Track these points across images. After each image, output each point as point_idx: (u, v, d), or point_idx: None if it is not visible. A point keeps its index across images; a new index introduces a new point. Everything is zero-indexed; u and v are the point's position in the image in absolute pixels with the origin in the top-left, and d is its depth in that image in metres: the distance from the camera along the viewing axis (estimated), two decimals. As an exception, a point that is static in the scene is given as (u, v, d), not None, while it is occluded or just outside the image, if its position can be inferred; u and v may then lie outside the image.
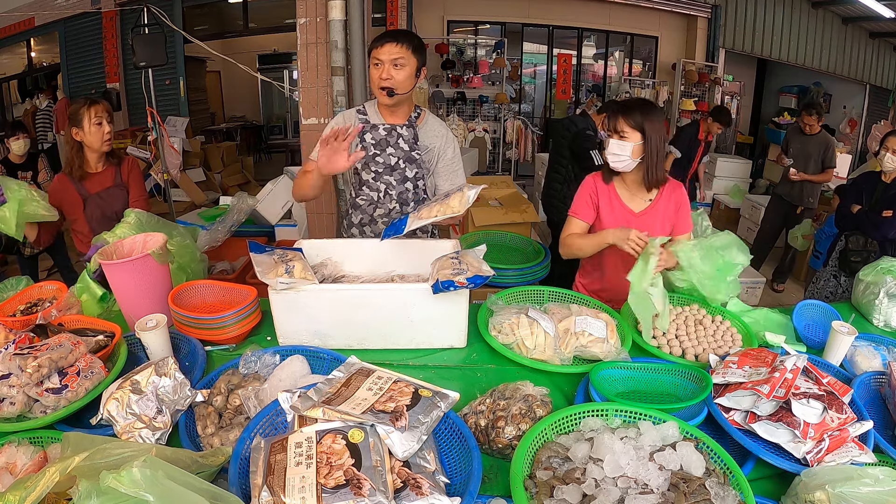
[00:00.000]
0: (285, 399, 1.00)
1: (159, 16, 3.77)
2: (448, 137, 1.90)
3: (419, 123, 1.85)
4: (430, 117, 1.89)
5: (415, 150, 1.82)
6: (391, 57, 1.67)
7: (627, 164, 1.67)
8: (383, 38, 1.69)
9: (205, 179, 6.45)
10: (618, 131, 1.65)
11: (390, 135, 1.81)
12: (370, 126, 1.81)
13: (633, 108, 1.64)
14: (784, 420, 1.04)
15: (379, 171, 1.83)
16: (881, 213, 2.63)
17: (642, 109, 1.64)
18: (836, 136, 6.80)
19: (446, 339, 1.45)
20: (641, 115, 1.62)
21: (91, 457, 0.77)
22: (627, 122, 1.63)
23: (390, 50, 1.67)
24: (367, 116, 1.82)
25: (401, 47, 1.68)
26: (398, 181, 1.84)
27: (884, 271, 1.76)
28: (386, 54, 1.67)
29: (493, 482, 1.03)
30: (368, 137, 1.80)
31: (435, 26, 7.24)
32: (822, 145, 4.02)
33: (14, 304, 1.53)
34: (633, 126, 1.63)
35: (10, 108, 8.05)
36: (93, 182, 2.19)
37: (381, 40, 1.69)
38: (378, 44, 1.69)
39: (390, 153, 1.81)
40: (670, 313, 1.56)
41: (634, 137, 1.63)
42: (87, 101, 2.11)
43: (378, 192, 1.85)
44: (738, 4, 7.11)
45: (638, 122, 1.62)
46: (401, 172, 1.83)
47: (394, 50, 1.67)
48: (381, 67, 1.69)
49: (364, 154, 1.71)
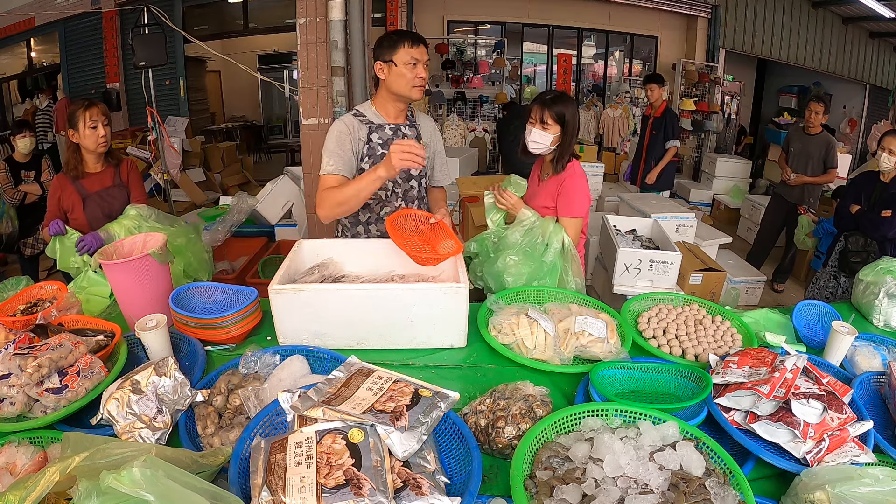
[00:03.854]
0: (285, 399, 1.00)
1: (159, 16, 3.78)
2: (436, 131, 2.01)
3: (418, 122, 1.92)
4: (419, 115, 1.97)
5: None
6: (425, 58, 1.74)
7: (544, 150, 1.92)
8: (416, 39, 1.72)
9: (205, 179, 6.45)
10: (542, 122, 1.86)
11: (396, 134, 1.84)
12: (375, 126, 1.82)
13: (557, 102, 1.85)
14: (784, 420, 1.04)
15: None
16: (880, 213, 2.63)
17: (564, 103, 1.86)
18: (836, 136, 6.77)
19: (446, 339, 1.45)
20: (563, 107, 1.85)
21: (91, 457, 0.77)
22: (551, 115, 1.84)
23: (423, 51, 1.73)
24: (367, 117, 1.83)
25: (426, 50, 1.75)
26: (403, 179, 1.88)
27: (884, 271, 1.76)
28: (421, 55, 1.73)
29: (493, 482, 1.03)
30: (375, 137, 1.82)
31: (435, 26, 7.24)
32: (822, 145, 4.01)
33: (14, 304, 1.53)
34: (555, 119, 1.85)
35: (10, 108, 8.05)
36: (92, 181, 2.20)
37: (415, 41, 1.72)
38: (412, 44, 1.71)
39: None
40: (670, 313, 1.58)
41: (554, 129, 1.86)
42: (83, 103, 2.12)
43: (385, 190, 1.88)
44: (738, 4, 7.10)
45: (560, 114, 1.84)
46: (405, 171, 1.85)
47: (424, 52, 1.74)
48: (419, 67, 1.73)
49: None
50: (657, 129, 4.36)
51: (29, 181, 3.53)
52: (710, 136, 7.46)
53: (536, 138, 1.88)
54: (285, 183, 3.83)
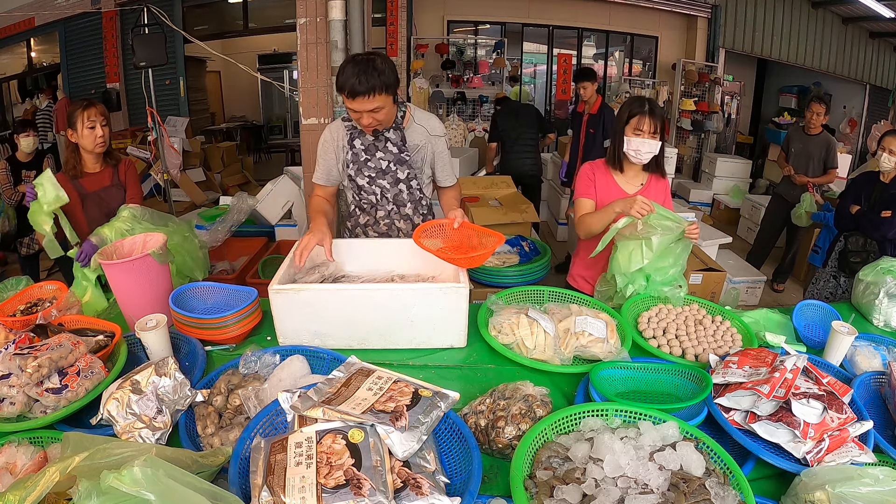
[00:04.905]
0: (285, 399, 1.00)
1: (159, 16, 3.78)
2: (433, 128, 1.86)
3: (405, 124, 1.82)
4: (415, 114, 1.85)
5: (404, 152, 1.82)
6: (367, 108, 1.60)
7: (648, 159, 1.84)
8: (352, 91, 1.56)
9: (205, 179, 6.45)
10: (647, 131, 1.79)
11: (378, 139, 1.80)
12: (358, 132, 1.80)
13: (656, 110, 1.80)
14: (784, 420, 1.04)
15: (372, 175, 1.84)
16: (880, 213, 2.63)
17: (659, 111, 1.82)
18: (836, 136, 6.78)
19: (446, 339, 1.45)
20: (661, 116, 1.80)
21: (91, 457, 0.77)
22: (654, 123, 1.78)
23: (363, 103, 1.58)
24: (352, 123, 1.78)
25: (372, 98, 1.57)
26: (391, 184, 1.85)
27: (884, 271, 1.76)
28: (360, 106, 1.59)
29: (493, 482, 1.03)
30: (358, 143, 1.81)
31: (435, 26, 7.25)
32: (823, 146, 4.01)
33: (14, 304, 1.53)
34: (657, 127, 1.79)
35: (10, 108, 8.05)
36: (91, 181, 2.21)
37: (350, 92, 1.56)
38: (347, 94, 1.58)
39: (380, 157, 1.82)
40: (670, 313, 1.58)
41: (657, 137, 1.80)
42: (81, 103, 2.13)
43: (375, 195, 1.87)
44: (738, 4, 7.10)
45: (659, 123, 1.79)
46: (392, 175, 1.84)
47: (366, 102, 1.58)
48: (361, 116, 1.62)
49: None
50: (594, 127, 4.08)
51: (28, 181, 3.53)
52: (710, 136, 7.47)
53: (648, 148, 1.78)
54: (285, 183, 3.82)
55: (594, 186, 1.91)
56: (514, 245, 2.78)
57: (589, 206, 1.91)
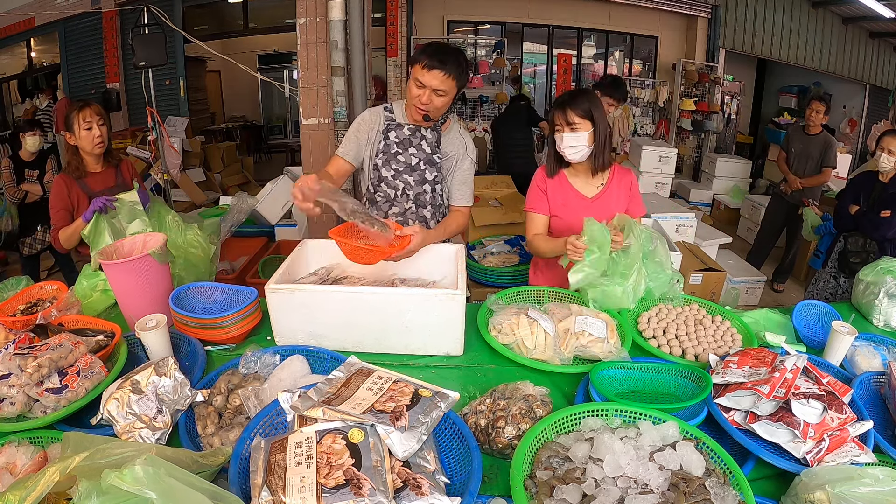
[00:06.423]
0: (285, 399, 1.00)
1: (159, 16, 3.78)
2: (468, 148, 1.88)
3: (444, 129, 1.85)
4: (454, 125, 1.89)
5: (436, 154, 1.83)
6: (434, 85, 1.62)
7: (583, 154, 1.71)
8: (432, 61, 1.58)
9: (205, 179, 6.45)
10: (569, 123, 1.67)
11: (414, 135, 1.81)
12: (395, 124, 1.81)
13: (579, 98, 1.68)
14: (784, 420, 1.04)
15: (399, 169, 1.83)
16: (880, 213, 2.63)
17: (588, 98, 1.68)
18: (836, 136, 6.78)
19: (442, 347, 1.42)
20: (588, 103, 1.66)
21: (91, 457, 0.77)
22: (577, 113, 1.66)
23: (436, 77, 1.60)
24: (393, 115, 1.82)
25: (446, 77, 1.61)
26: (417, 182, 1.84)
27: (884, 271, 1.76)
28: (430, 80, 1.61)
29: (493, 482, 1.03)
30: (392, 136, 1.81)
31: (435, 26, 7.24)
32: (823, 145, 4.01)
33: (14, 304, 1.53)
34: (583, 116, 1.66)
35: (10, 108, 8.05)
36: (95, 180, 2.20)
37: (430, 62, 1.58)
38: (425, 65, 1.59)
39: (412, 153, 1.82)
40: (670, 313, 1.58)
41: (585, 126, 1.67)
42: (77, 105, 2.12)
43: (396, 189, 1.85)
44: (738, 4, 7.11)
45: (587, 110, 1.66)
46: (420, 174, 1.83)
47: (439, 78, 1.60)
48: (423, 92, 1.63)
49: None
50: None
51: (32, 180, 3.54)
52: (710, 136, 7.47)
53: (570, 143, 1.68)
54: (285, 183, 3.82)
55: (546, 197, 1.81)
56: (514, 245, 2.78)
57: (540, 222, 1.82)
